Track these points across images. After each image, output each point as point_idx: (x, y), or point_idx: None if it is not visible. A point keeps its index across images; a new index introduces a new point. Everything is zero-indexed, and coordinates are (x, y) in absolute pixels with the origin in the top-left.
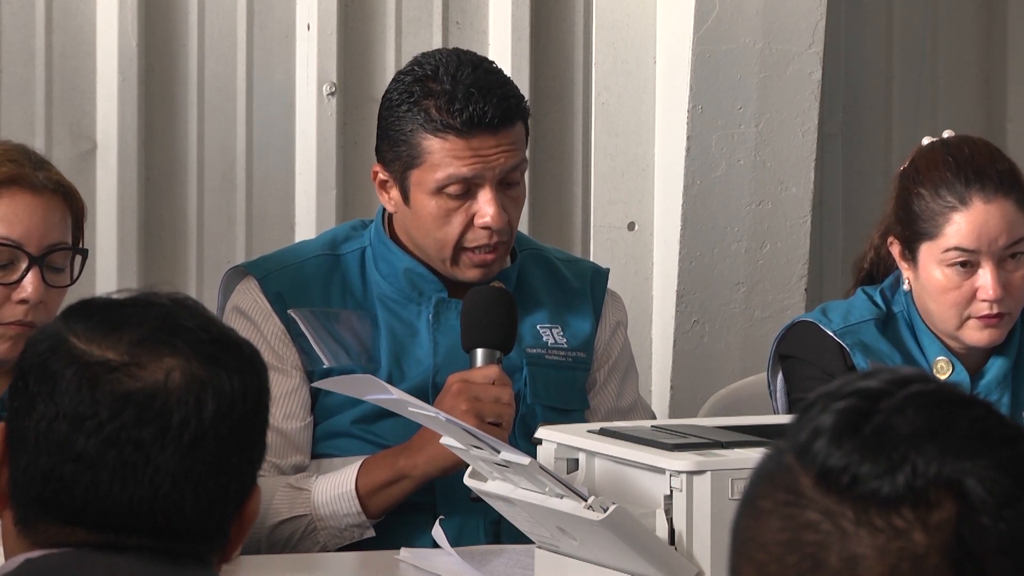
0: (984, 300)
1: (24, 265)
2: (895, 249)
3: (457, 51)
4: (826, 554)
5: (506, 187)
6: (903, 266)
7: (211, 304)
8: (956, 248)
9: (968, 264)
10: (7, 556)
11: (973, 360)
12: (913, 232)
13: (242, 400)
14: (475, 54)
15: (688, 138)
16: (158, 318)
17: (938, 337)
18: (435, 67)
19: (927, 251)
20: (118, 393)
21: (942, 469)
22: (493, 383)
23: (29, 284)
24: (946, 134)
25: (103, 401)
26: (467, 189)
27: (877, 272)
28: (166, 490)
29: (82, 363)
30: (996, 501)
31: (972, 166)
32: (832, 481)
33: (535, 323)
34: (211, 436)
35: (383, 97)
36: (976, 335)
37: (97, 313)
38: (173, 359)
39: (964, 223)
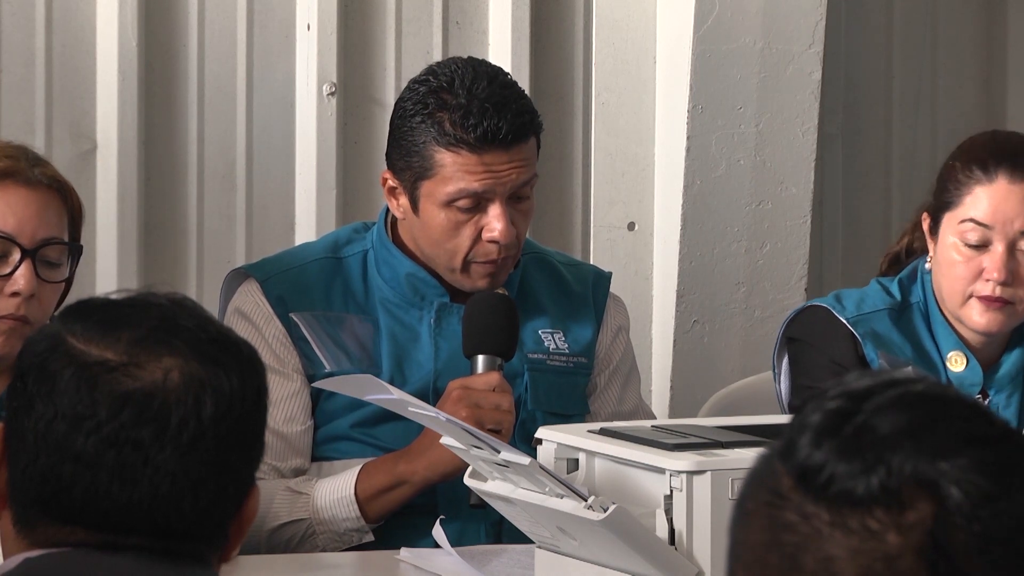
0: (988, 280)
1: (16, 257)
2: (926, 224)
3: (472, 61)
4: (803, 555)
5: (516, 201)
6: (930, 243)
7: (211, 305)
8: (971, 220)
9: (981, 242)
10: (6, 556)
11: (987, 354)
12: (940, 202)
13: (241, 400)
14: (491, 65)
15: (688, 138)
16: (156, 318)
17: (954, 330)
18: (450, 78)
19: (947, 221)
20: (117, 393)
21: (917, 469)
22: (493, 390)
23: (21, 277)
24: None
25: (102, 401)
26: (477, 203)
27: (905, 259)
28: (165, 490)
29: (81, 363)
30: (971, 502)
31: (1010, 147)
32: (810, 482)
33: (537, 328)
34: (210, 436)
35: (396, 104)
36: (976, 317)
37: (95, 313)
38: (172, 359)
39: (984, 196)
